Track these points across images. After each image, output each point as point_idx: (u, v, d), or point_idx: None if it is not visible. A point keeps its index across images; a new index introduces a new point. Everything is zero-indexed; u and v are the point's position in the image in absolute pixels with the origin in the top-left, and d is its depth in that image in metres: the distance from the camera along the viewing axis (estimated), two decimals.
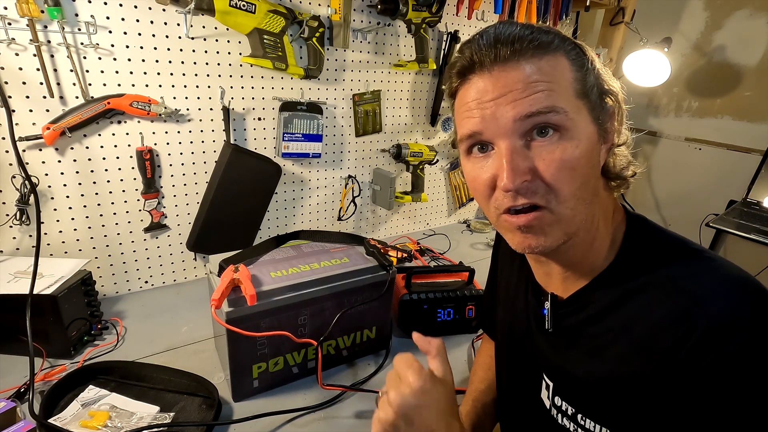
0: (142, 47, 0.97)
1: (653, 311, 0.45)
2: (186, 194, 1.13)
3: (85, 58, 0.92)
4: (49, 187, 0.96)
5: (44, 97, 0.91)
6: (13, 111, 0.89)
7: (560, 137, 0.44)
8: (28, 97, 0.90)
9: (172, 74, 1.02)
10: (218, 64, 1.08)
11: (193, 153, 1.11)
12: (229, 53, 1.08)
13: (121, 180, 1.04)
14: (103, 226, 1.05)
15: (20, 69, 0.87)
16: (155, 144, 1.05)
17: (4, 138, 0.89)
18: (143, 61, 0.98)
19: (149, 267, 1.14)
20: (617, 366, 0.47)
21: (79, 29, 0.90)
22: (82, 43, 0.91)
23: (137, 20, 0.95)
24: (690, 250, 0.47)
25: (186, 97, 1.06)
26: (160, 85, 1.02)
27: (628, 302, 0.47)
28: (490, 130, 0.45)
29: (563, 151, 0.44)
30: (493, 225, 0.52)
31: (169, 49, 1.00)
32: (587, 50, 0.48)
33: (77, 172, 0.98)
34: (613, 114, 0.49)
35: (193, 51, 1.03)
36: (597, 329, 0.50)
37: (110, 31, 0.93)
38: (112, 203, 1.04)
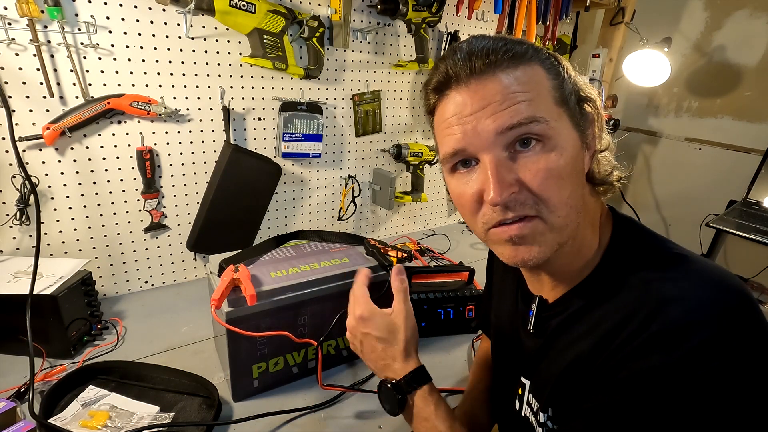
0: (142, 47, 0.97)
1: (620, 311, 0.44)
2: (186, 194, 1.13)
3: (85, 58, 0.92)
4: (49, 187, 0.96)
5: (44, 97, 0.91)
6: (13, 111, 0.89)
7: (543, 147, 0.44)
8: (28, 97, 0.90)
9: (172, 74, 1.02)
10: (218, 64, 1.08)
11: (193, 153, 1.11)
12: (229, 53, 1.08)
13: (121, 180, 1.04)
14: (103, 226, 1.05)
15: (20, 69, 0.88)
16: (155, 144, 1.05)
17: (4, 138, 0.89)
18: (143, 61, 0.98)
19: (149, 267, 1.14)
20: (575, 360, 0.47)
21: (79, 29, 0.90)
22: (82, 43, 0.91)
23: (137, 20, 0.95)
24: (672, 254, 0.46)
25: (186, 97, 1.06)
26: (160, 85, 1.02)
27: (602, 304, 0.47)
28: (473, 144, 0.45)
29: (548, 160, 0.44)
30: (481, 240, 0.51)
31: (169, 49, 1.00)
32: (561, 59, 0.49)
33: (77, 172, 0.98)
34: (593, 120, 0.49)
35: (193, 51, 1.03)
36: (572, 330, 0.50)
37: (110, 31, 0.93)
38: (112, 203, 1.04)
